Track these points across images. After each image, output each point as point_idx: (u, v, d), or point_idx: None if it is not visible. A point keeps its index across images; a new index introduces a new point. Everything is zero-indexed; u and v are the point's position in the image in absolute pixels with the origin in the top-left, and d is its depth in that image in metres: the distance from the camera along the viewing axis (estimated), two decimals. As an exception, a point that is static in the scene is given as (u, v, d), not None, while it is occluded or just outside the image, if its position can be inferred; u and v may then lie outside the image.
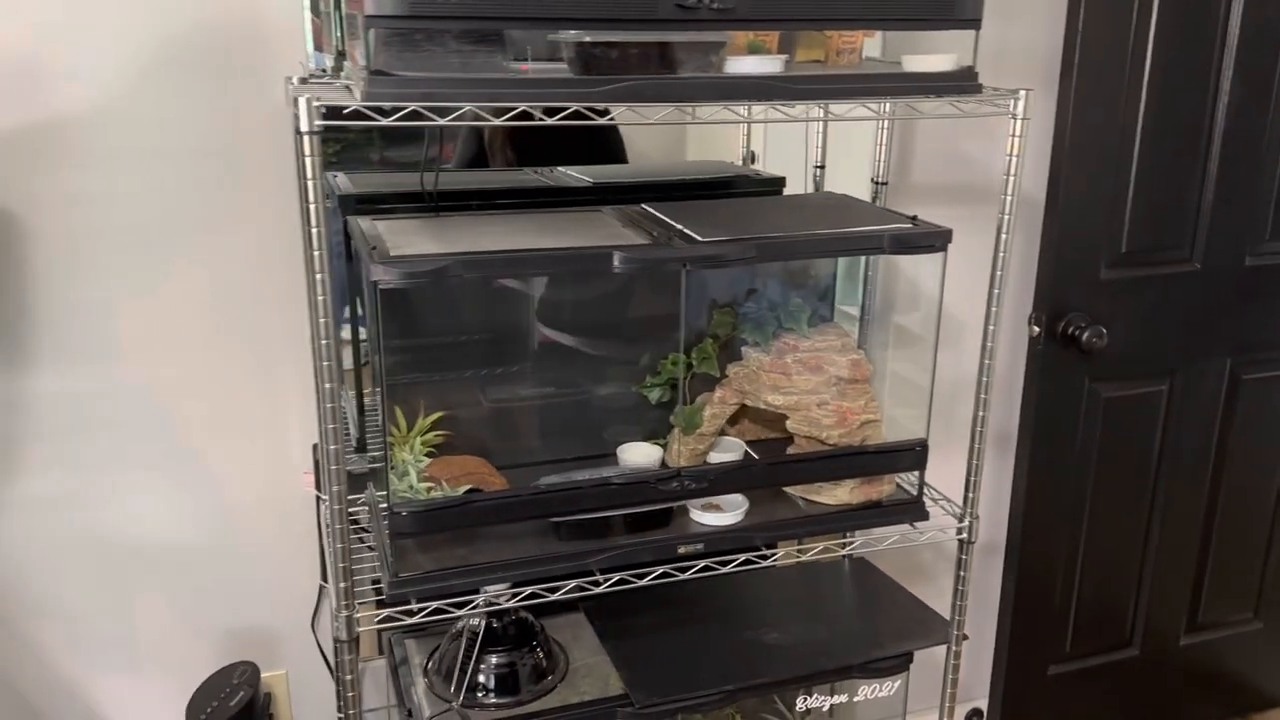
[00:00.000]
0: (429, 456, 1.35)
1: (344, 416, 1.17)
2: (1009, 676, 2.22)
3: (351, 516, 1.24)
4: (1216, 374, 2.14)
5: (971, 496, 1.49)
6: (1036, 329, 1.98)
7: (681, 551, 1.35)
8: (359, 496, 1.42)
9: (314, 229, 1.08)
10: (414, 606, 1.26)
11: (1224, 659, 2.40)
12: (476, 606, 1.31)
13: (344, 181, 1.51)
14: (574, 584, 1.31)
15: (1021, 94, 1.30)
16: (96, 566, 1.59)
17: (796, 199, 1.65)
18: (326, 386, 1.15)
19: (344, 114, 1.04)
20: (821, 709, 1.58)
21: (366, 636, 1.69)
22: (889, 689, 1.53)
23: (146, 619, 1.65)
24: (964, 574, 1.53)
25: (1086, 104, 1.84)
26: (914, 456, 1.44)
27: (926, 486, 1.49)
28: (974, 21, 1.23)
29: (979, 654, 2.23)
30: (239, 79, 1.46)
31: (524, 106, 1.08)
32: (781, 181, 1.68)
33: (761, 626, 1.54)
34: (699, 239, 1.27)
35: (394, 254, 1.15)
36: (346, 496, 1.20)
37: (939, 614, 1.58)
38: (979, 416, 1.46)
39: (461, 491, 1.30)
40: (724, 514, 1.39)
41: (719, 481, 1.36)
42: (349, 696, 1.28)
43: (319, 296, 1.11)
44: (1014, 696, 2.24)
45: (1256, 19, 1.90)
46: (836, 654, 1.48)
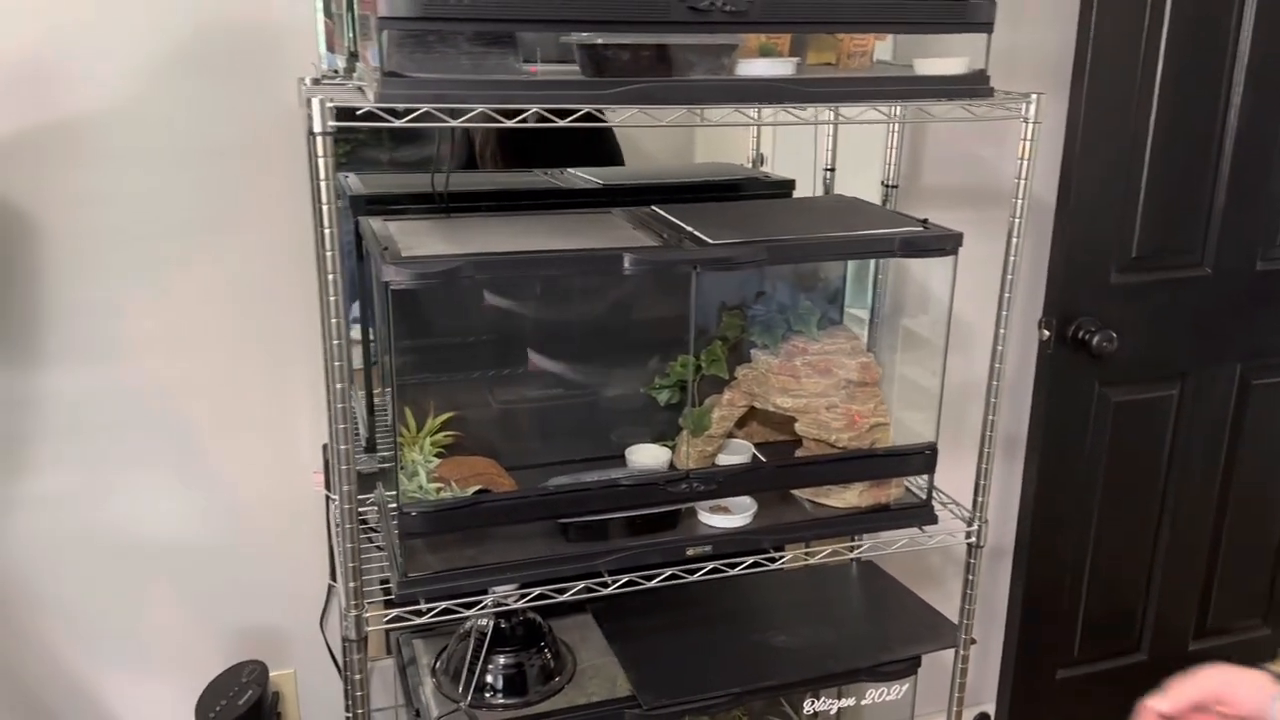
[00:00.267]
0: (438, 457, 1.35)
1: (354, 416, 1.18)
2: (1017, 681, 2.21)
3: (360, 516, 1.24)
4: (1227, 379, 2.13)
5: (981, 500, 1.49)
6: (1046, 333, 1.98)
7: (690, 553, 1.35)
8: (368, 496, 1.42)
9: (326, 229, 1.08)
10: (423, 606, 1.26)
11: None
12: (485, 607, 1.31)
13: (355, 182, 1.52)
14: (582, 585, 1.31)
15: (1033, 98, 1.29)
16: (106, 565, 1.60)
17: (806, 201, 1.65)
18: (337, 386, 1.15)
19: (357, 115, 1.04)
20: (829, 712, 1.58)
21: (374, 636, 1.69)
22: (897, 693, 1.52)
23: (155, 618, 1.65)
24: (972, 578, 1.53)
25: (1098, 108, 1.84)
26: (923, 460, 1.44)
27: (935, 490, 1.48)
28: (986, 25, 1.23)
29: (987, 658, 2.23)
30: (251, 80, 1.46)
31: (536, 108, 1.08)
32: (791, 184, 1.68)
33: (769, 629, 1.54)
34: (709, 241, 1.27)
35: (405, 255, 1.15)
36: (356, 496, 1.20)
37: (947, 618, 1.58)
38: (988, 420, 1.45)
39: (470, 492, 1.30)
40: (732, 516, 1.39)
41: (728, 484, 1.36)
42: (357, 696, 1.28)
43: (330, 297, 1.11)
44: (1022, 701, 2.23)
45: (1268, 24, 1.89)
46: (844, 657, 1.48)
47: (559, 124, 1.11)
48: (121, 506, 1.58)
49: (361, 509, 1.25)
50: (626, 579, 1.33)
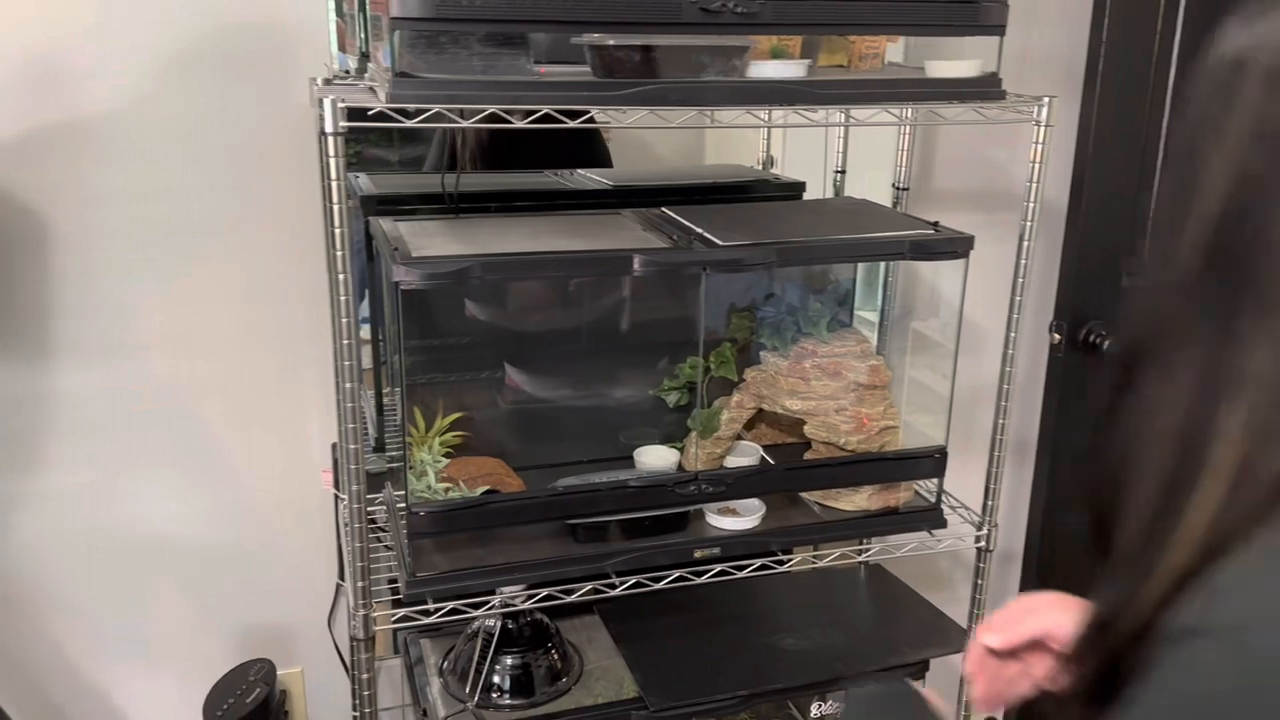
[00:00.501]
0: (447, 457, 1.35)
1: (363, 416, 1.18)
2: (1025, 686, 2.20)
3: (369, 516, 1.24)
4: (1239, 384, 2.12)
5: (990, 504, 1.48)
6: (1057, 336, 1.97)
7: (698, 555, 1.35)
8: (377, 496, 1.42)
9: (337, 229, 1.08)
10: (431, 606, 1.26)
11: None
12: (492, 607, 1.31)
13: (365, 182, 1.52)
14: (590, 586, 1.31)
15: (1045, 101, 1.29)
16: (115, 562, 1.61)
17: (817, 204, 1.65)
18: (347, 386, 1.16)
19: (368, 115, 1.05)
20: (836, 715, 1.58)
21: (382, 635, 1.70)
22: (904, 696, 1.52)
23: (164, 615, 1.66)
24: (982, 582, 1.52)
25: (1110, 111, 1.83)
26: (932, 463, 1.43)
27: (945, 494, 1.48)
28: (998, 28, 1.22)
29: (995, 663, 2.22)
30: (262, 80, 1.46)
31: (547, 109, 1.08)
32: (802, 186, 1.68)
33: (777, 632, 1.54)
34: (719, 243, 1.27)
35: (415, 255, 1.15)
36: (365, 496, 1.20)
37: (955, 622, 1.57)
38: (999, 424, 1.45)
39: (479, 492, 1.30)
40: (741, 518, 1.38)
41: (736, 486, 1.36)
42: (365, 695, 1.28)
43: (341, 296, 1.12)
44: (1031, 706, 2.22)
45: (1283, 26, 1.88)
46: (852, 660, 1.48)
47: (569, 125, 1.11)
48: (131, 504, 1.59)
49: (370, 508, 1.25)
50: (634, 580, 1.33)
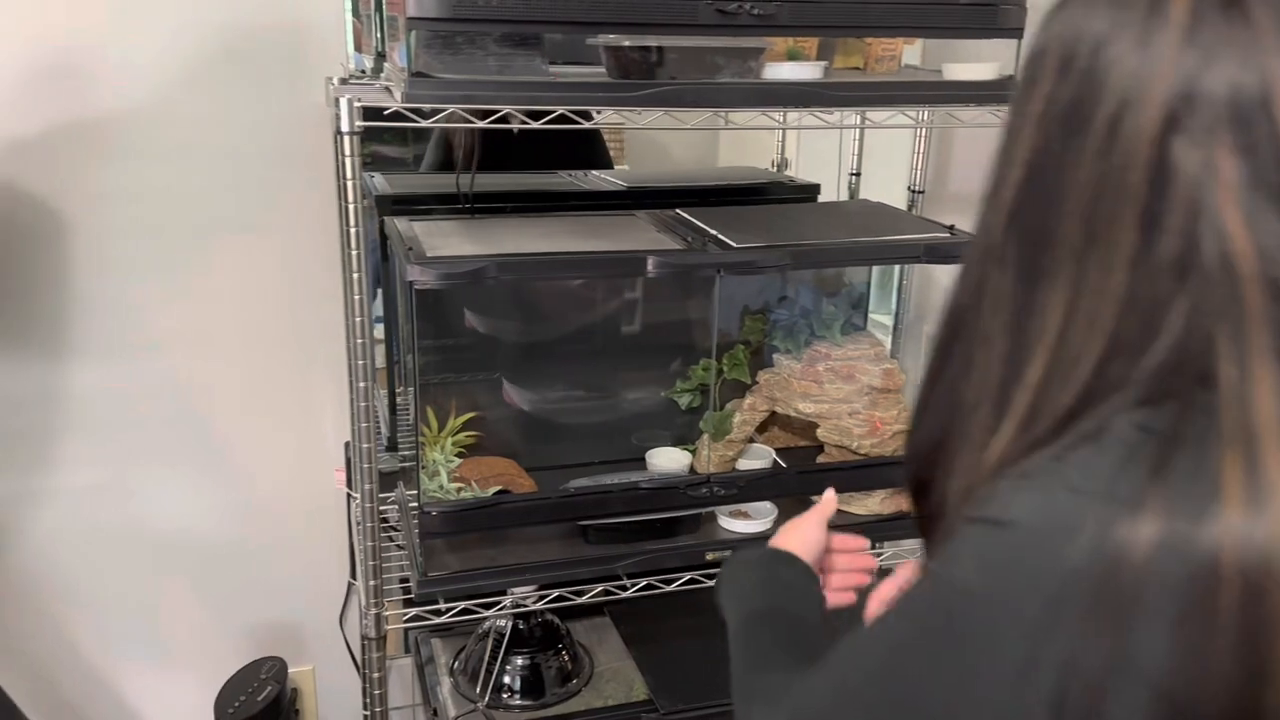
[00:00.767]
0: (459, 457, 1.35)
1: (376, 415, 1.18)
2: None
3: (381, 515, 1.24)
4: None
5: (1003, 509, 1.47)
6: (1071, 341, 1.95)
7: (709, 558, 1.34)
8: (389, 495, 1.43)
9: (352, 229, 1.09)
10: (442, 606, 1.26)
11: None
12: (504, 607, 1.31)
13: (380, 182, 1.52)
14: (601, 588, 1.31)
15: (1063, 104, 1.28)
16: (128, 560, 1.61)
17: (831, 206, 1.65)
18: (360, 385, 1.16)
19: (384, 115, 1.05)
20: None
21: (392, 634, 1.70)
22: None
23: (177, 612, 1.66)
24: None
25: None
26: (946, 468, 1.42)
27: (958, 498, 1.47)
28: (1016, 30, 1.22)
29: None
30: (278, 79, 1.47)
31: (563, 109, 1.08)
32: (816, 188, 1.67)
33: (788, 635, 1.53)
34: (733, 245, 1.26)
35: (430, 255, 1.16)
36: (377, 495, 1.20)
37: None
38: (1013, 429, 1.44)
39: (491, 493, 1.30)
40: (753, 521, 1.38)
41: (749, 488, 1.35)
42: (376, 694, 1.29)
43: (355, 296, 1.12)
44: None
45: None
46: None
47: (584, 125, 1.11)
48: (144, 502, 1.59)
49: (382, 507, 1.25)
50: (645, 582, 1.32)
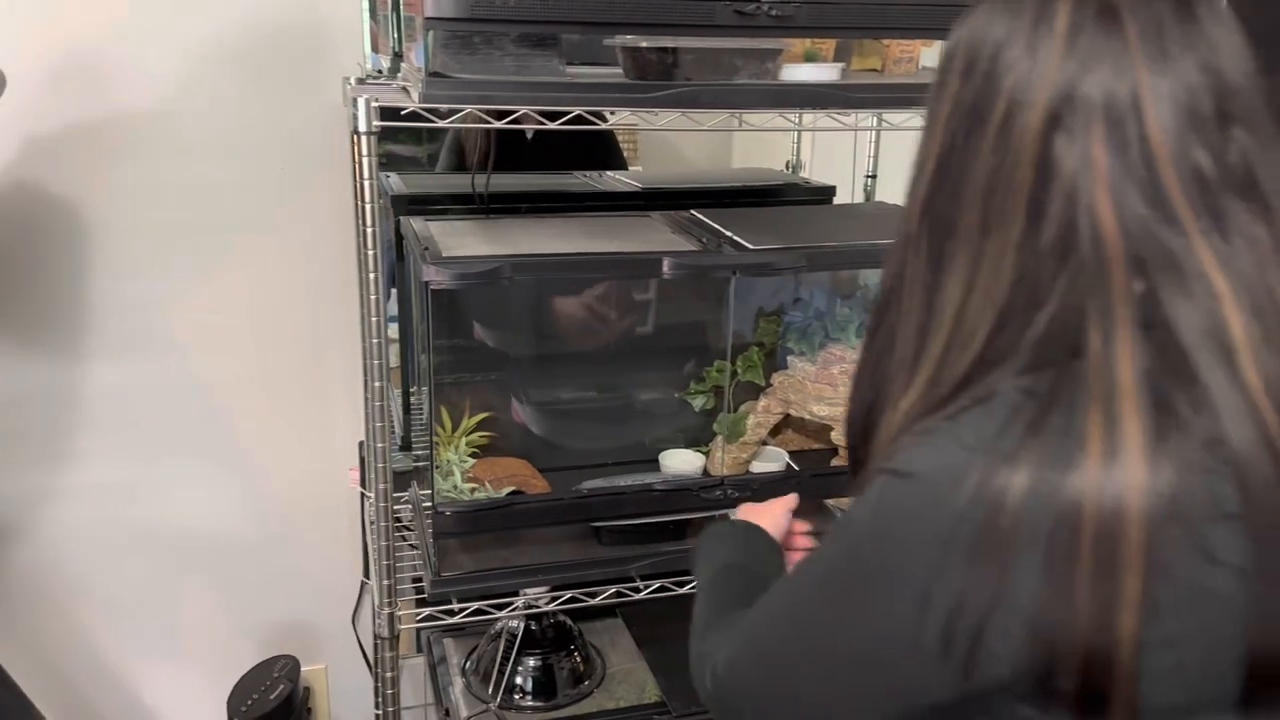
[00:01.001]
0: (473, 457, 1.35)
1: (390, 415, 1.18)
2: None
3: (394, 514, 1.24)
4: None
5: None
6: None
7: (723, 560, 1.34)
8: (402, 494, 1.43)
9: (369, 228, 1.09)
10: (455, 606, 1.26)
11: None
12: (516, 608, 1.31)
13: (396, 182, 1.52)
14: (613, 589, 1.30)
15: (1081, 106, 1.27)
16: (143, 557, 1.62)
17: (847, 208, 1.64)
18: (375, 385, 1.16)
19: (401, 115, 1.05)
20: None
21: (405, 634, 1.70)
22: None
23: (191, 610, 1.67)
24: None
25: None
26: (960, 471, 1.41)
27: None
28: (1035, 32, 1.21)
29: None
30: (296, 79, 1.47)
31: (580, 110, 1.08)
32: (832, 190, 1.67)
33: (800, 638, 1.53)
34: (749, 246, 1.26)
35: (446, 255, 1.16)
36: (391, 494, 1.20)
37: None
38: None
39: (505, 493, 1.30)
40: (766, 524, 1.37)
41: (762, 491, 1.35)
42: (388, 694, 1.29)
43: (371, 295, 1.12)
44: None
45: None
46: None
47: (600, 126, 1.11)
48: (159, 500, 1.60)
49: (395, 507, 1.25)
50: (658, 584, 1.32)
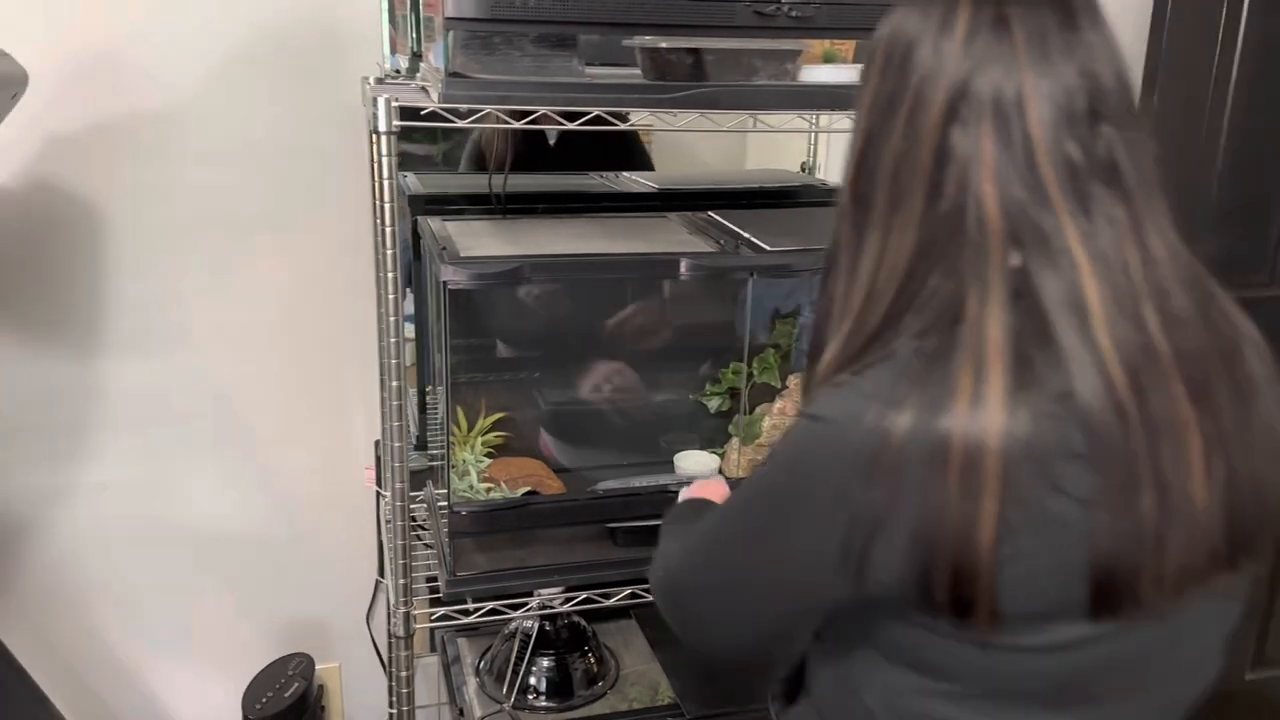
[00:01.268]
0: (488, 457, 1.35)
1: (407, 414, 1.18)
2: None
3: (410, 513, 1.24)
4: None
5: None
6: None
7: (737, 562, 1.33)
8: (418, 494, 1.43)
9: (387, 228, 1.09)
10: (470, 606, 1.26)
11: (1291, 697, 2.32)
12: (531, 609, 1.31)
13: (413, 182, 1.53)
14: (628, 590, 1.30)
15: (1102, 109, 1.26)
16: (159, 554, 1.63)
17: (864, 210, 1.63)
18: (392, 384, 1.16)
19: (421, 115, 1.05)
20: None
21: (419, 633, 1.70)
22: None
23: (206, 607, 1.67)
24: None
25: (1168, 123, 1.79)
26: (977, 475, 1.41)
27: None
28: (1056, 34, 1.20)
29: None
30: (315, 79, 1.48)
31: (599, 111, 1.08)
32: (848, 192, 1.66)
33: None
34: (766, 248, 1.26)
35: (464, 255, 1.16)
36: (408, 494, 1.21)
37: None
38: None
39: (520, 494, 1.30)
40: (782, 526, 1.37)
41: (777, 493, 1.34)
42: (403, 693, 1.29)
43: (388, 295, 1.12)
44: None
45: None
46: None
47: (619, 127, 1.11)
48: (175, 497, 1.61)
49: (411, 506, 1.26)
50: (673, 586, 1.32)
